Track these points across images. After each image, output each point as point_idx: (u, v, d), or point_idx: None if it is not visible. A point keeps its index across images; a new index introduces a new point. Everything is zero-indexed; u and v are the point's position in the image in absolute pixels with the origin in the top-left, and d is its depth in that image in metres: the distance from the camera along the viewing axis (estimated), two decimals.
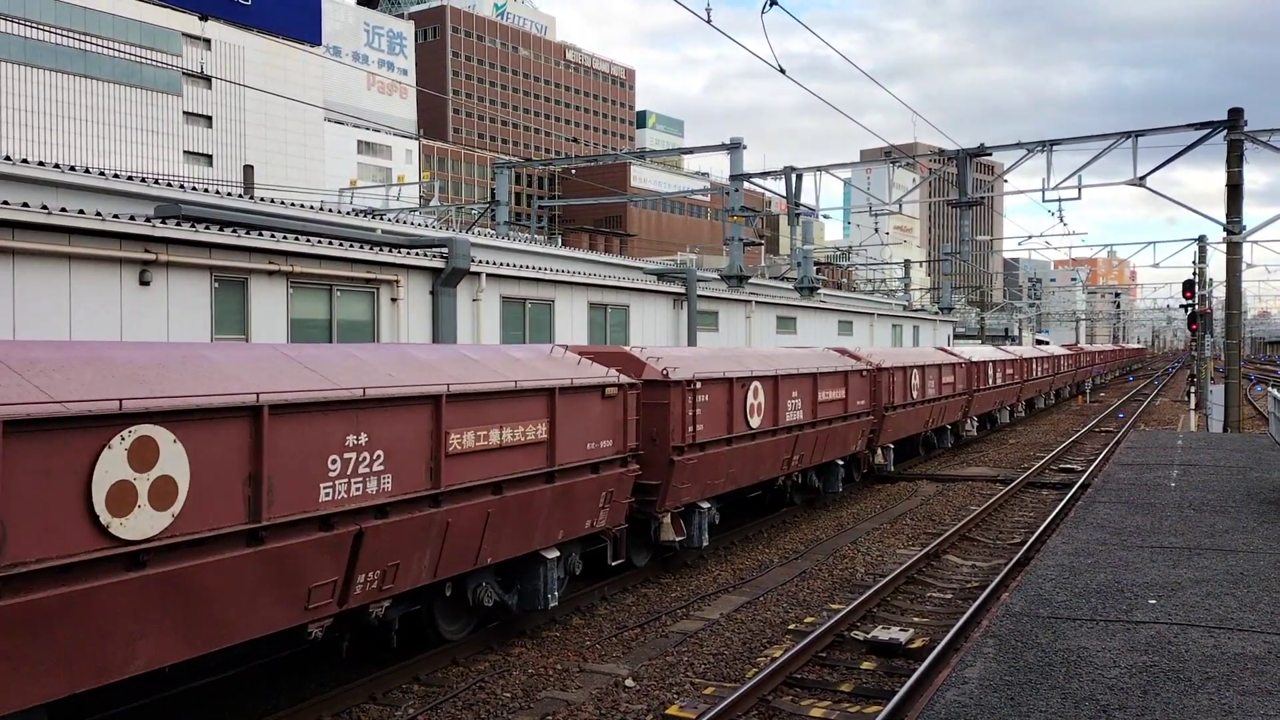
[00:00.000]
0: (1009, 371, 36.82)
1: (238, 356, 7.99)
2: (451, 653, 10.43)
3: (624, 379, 12.06)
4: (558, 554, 11.00)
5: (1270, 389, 31.57)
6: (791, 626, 11.74)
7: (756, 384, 15.56)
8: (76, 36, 51.67)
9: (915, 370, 23.96)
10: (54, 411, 6.14)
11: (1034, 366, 41.22)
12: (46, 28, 51.67)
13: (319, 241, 16.98)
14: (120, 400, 6.54)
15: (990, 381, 32.94)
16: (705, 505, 14.29)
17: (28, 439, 6.02)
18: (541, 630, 11.55)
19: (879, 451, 21.71)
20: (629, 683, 9.81)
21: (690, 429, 13.56)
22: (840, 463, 19.42)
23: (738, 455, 15.00)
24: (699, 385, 13.81)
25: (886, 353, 24.20)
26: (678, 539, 13.61)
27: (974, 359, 31.44)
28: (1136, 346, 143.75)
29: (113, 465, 6.46)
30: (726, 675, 10.09)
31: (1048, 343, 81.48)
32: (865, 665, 10.40)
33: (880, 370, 21.40)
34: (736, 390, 14.88)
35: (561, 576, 11.19)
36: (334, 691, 9.17)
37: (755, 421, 15.47)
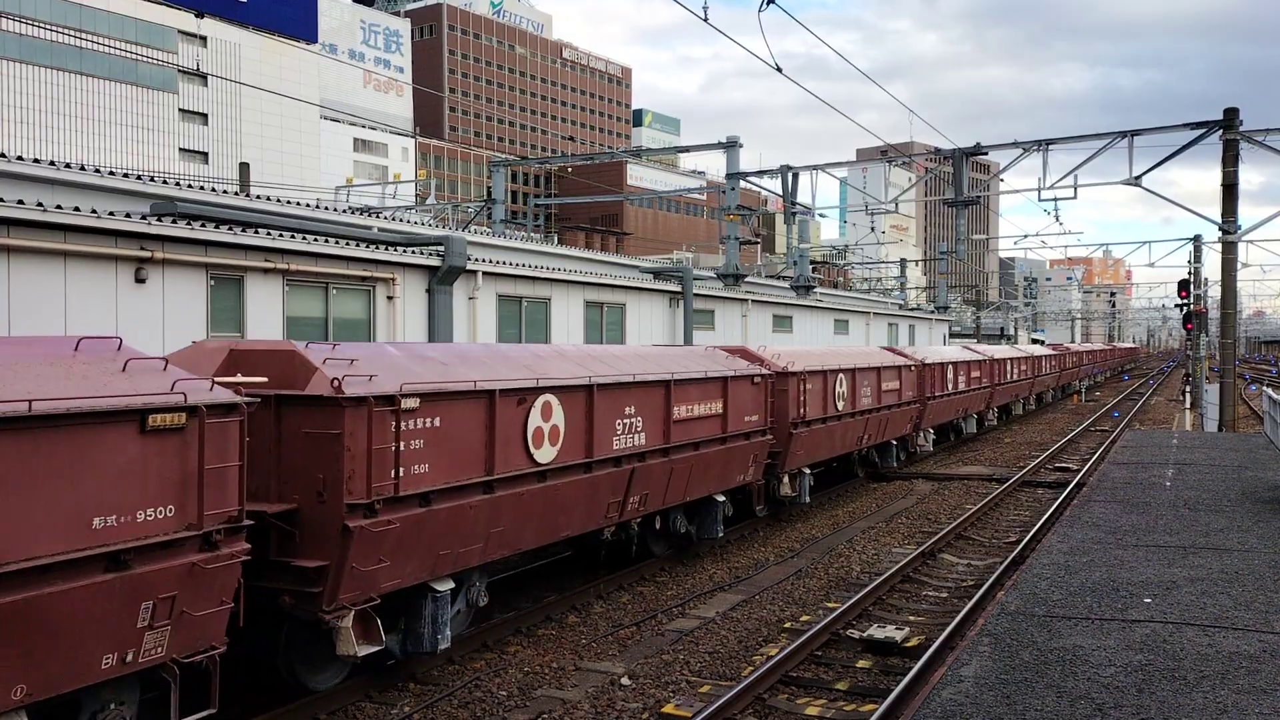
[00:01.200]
0: (975, 375, 32.18)
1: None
2: (447, 651, 10.42)
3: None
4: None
5: (1265, 388, 31.64)
6: (787, 625, 11.76)
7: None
8: (72, 34, 51.55)
9: (843, 375, 19.80)
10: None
11: (1007, 369, 36.55)
12: (43, 25, 51.57)
13: (315, 239, 16.96)
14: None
15: (950, 387, 28.40)
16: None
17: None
18: (537, 629, 11.55)
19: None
20: (625, 681, 9.82)
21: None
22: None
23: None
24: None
25: (813, 354, 19.94)
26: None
27: (928, 360, 26.97)
28: (1129, 346, 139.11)
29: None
30: (722, 674, 10.10)
31: (1043, 341, 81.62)
32: (861, 664, 10.41)
33: (788, 375, 17.40)
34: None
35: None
36: (330, 690, 9.15)
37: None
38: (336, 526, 8.29)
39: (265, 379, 8.37)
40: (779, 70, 18.36)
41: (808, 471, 18.24)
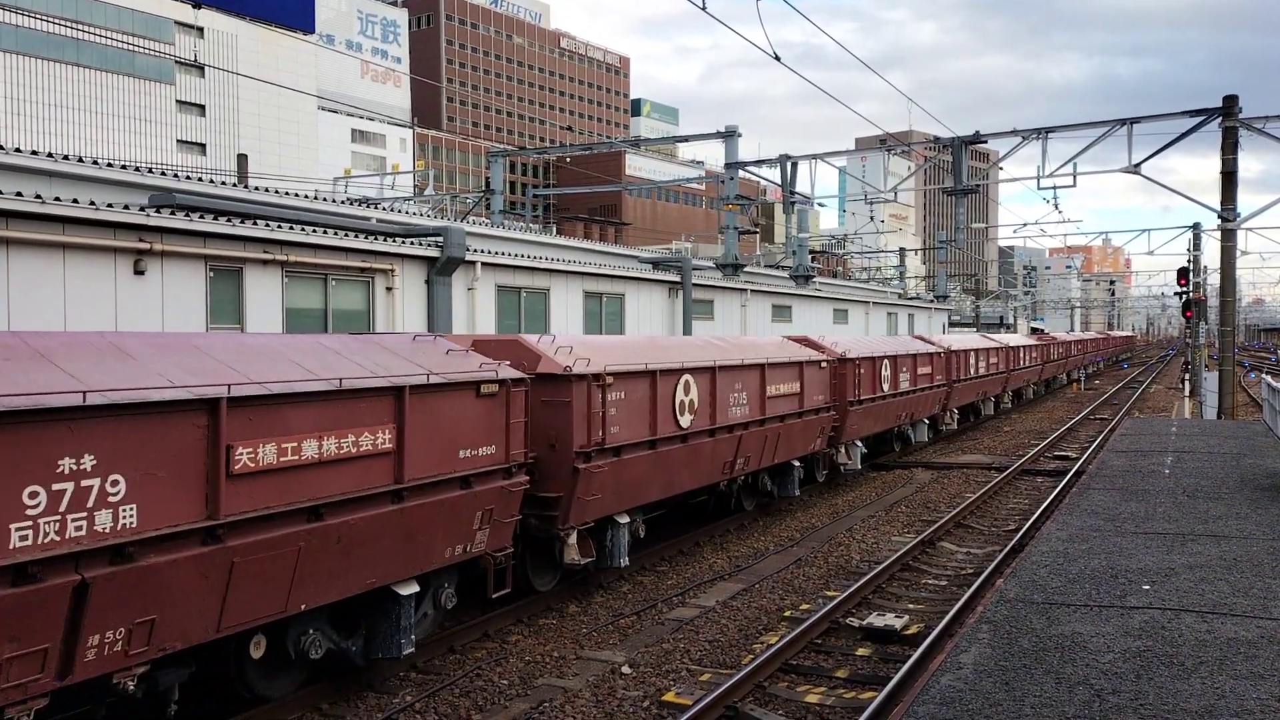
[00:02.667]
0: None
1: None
2: (449, 640, 10.46)
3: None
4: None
5: (1265, 376, 31.65)
6: (787, 613, 11.79)
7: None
8: (69, 25, 51.41)
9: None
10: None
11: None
12: (39, 16, 51.42)
13: (314, 231, 16.95)
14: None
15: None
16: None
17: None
18: (538, 618, 11.58)
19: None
20: (626, 670, 9.86)
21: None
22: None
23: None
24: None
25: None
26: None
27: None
28: (1124, 334, 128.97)
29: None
30: (723, 662, 10.13)
31: (1043, 330, 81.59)
32: (860, 651, 10.45)
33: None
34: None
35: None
36: (331, 680, 9.19)
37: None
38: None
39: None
40: (777, 59, 18.32)
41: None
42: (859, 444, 20.83)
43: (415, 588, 9.11)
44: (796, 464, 17.68)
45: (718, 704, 8.60)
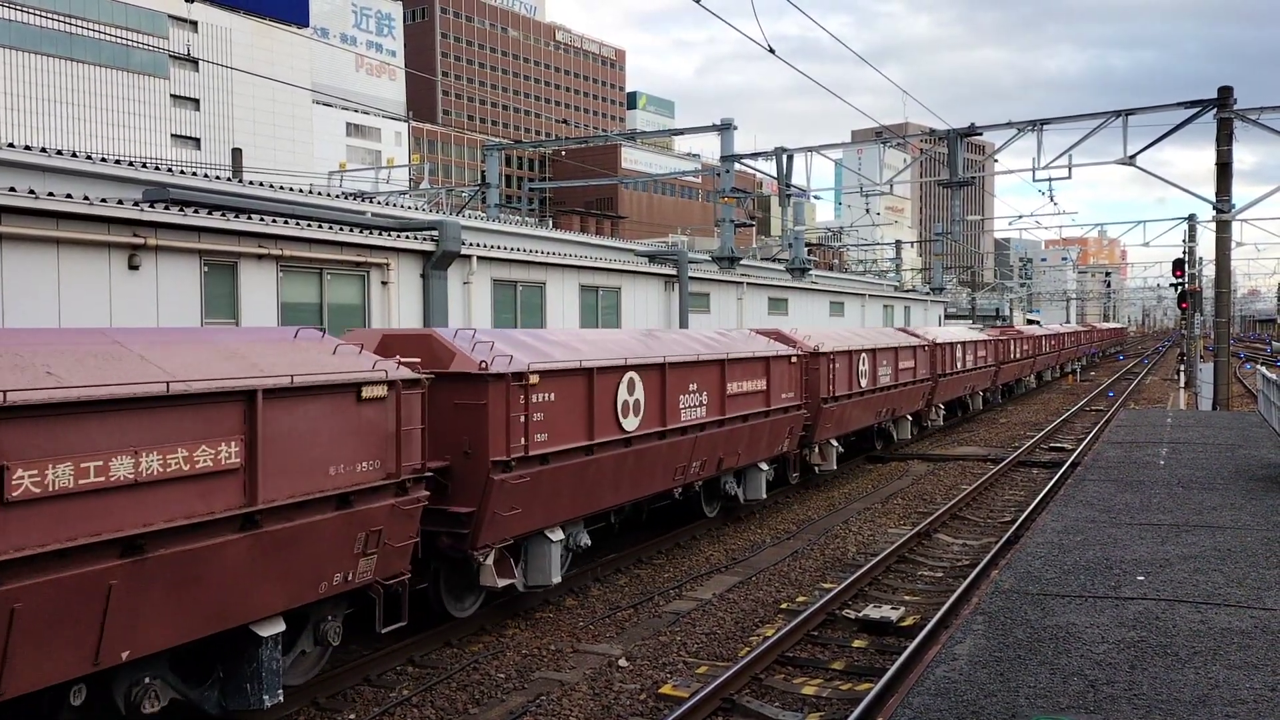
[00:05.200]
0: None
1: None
2: (446, 634, 10.48)
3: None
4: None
5: (1259, 367, 31.71)
6: (784, 606, 11.82)
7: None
8: (64, 19, 51.22)
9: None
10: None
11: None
12: (32, 10, 51.23)
13: (309, 225, 16.91)
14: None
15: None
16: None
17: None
18: (534, 611, 11.60)
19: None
20: (622, 663, 9.88)
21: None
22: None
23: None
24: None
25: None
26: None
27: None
28: (1113, 325, 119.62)
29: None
30: (719, 654, 10.16)
31: (1039, 323, 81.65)
32: (857, 643, 10.48)
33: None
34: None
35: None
36: (328, 673, 9.20)
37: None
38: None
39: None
40: (772, 52, 18.31)
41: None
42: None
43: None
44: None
45: (714, 696, 8.62)
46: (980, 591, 9.65)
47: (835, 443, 19.74)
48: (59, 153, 19.05)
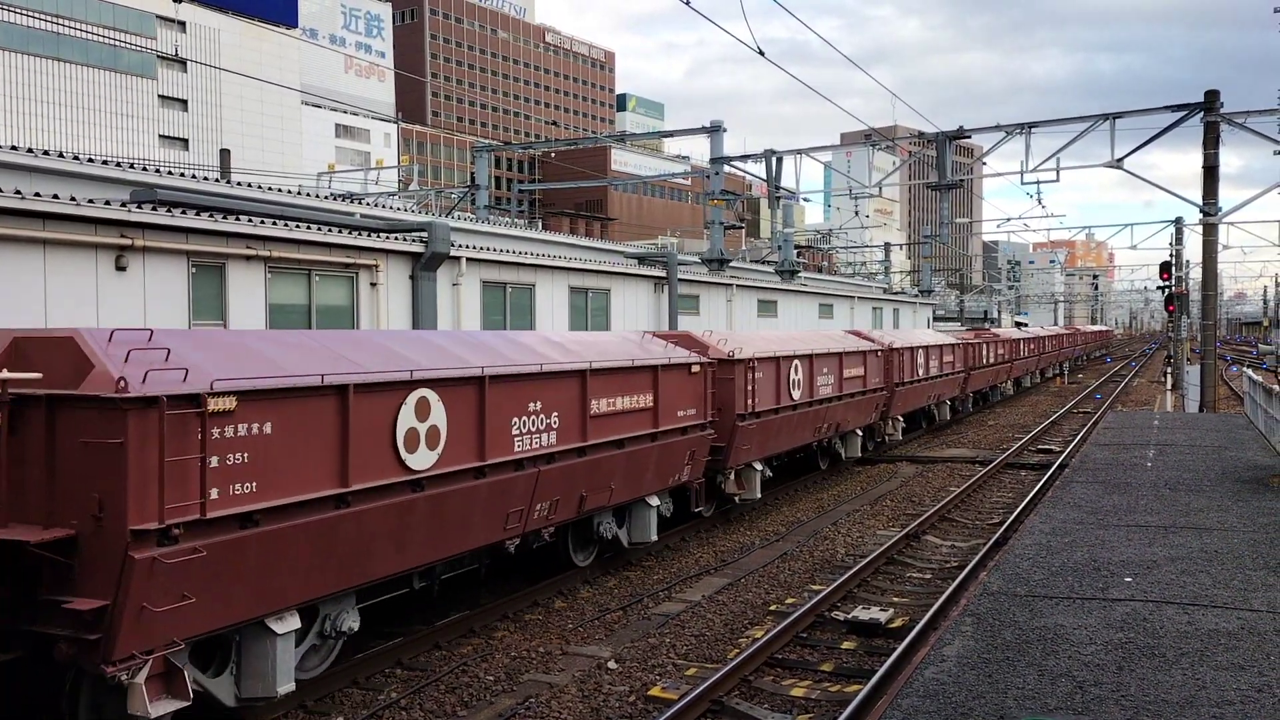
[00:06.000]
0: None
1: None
2: (434, 637, 10.45)
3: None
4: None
5: (1246, 369, 31.85)
6: (773, 607, 11.83)
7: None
8: (51, 19, 50.98)
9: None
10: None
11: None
12: (18, 10, 50.96)
13: (297, 226, 16.87)
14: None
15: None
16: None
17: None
18: (523, 614, 11.58)
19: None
20: (611, 665, 9.87)
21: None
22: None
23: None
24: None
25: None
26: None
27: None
28: (1097, 328, 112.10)
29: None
30: (708, 656, 10.16)
31: (1026, 324, 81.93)
32: (846, 645, 10.49)
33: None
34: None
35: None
36: (315, 676, 9.16)
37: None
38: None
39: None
40: (761, 54, 18.34)
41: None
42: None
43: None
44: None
45: (703, 699, 8.62)
46: (969, 593, 9.68)
47: (760, 466, 16.98)
48: (45, 153, 18.96)
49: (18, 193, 12.95)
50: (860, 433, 22.52)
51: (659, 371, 13.35)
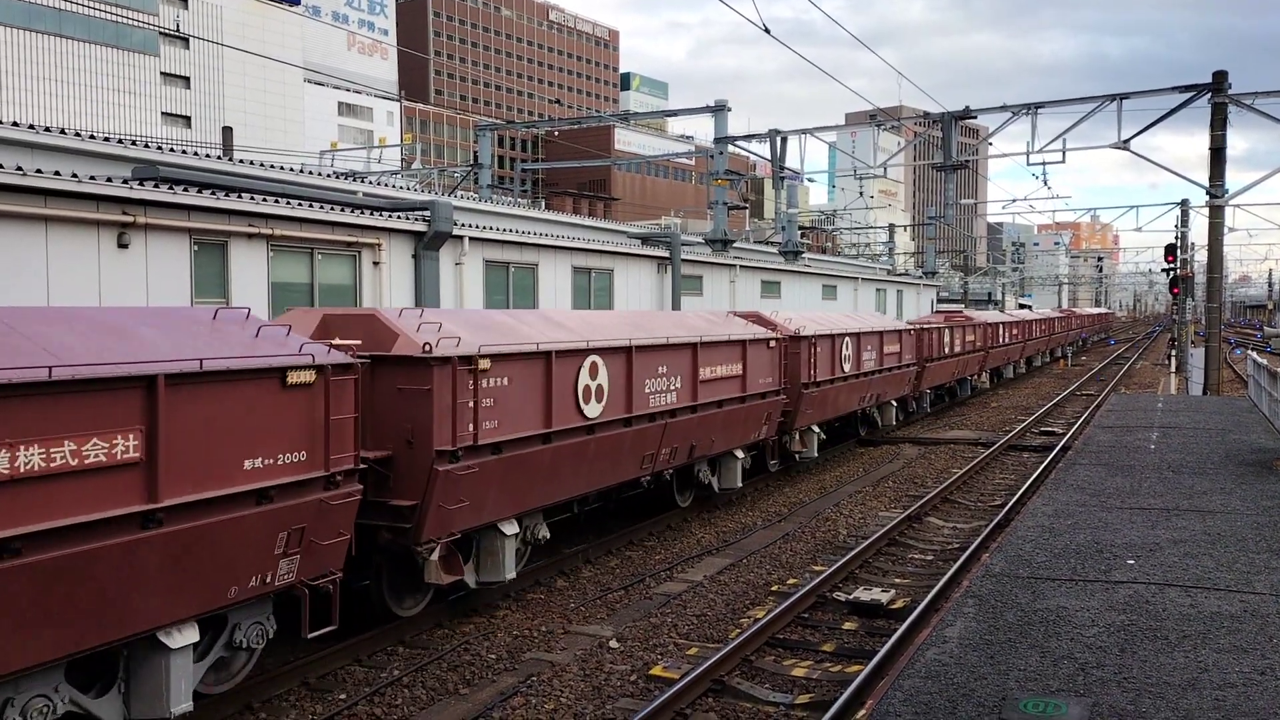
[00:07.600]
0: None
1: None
2: (436, 615, 10.47)
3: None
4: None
5: (1250, 352, 31.81)
6: (774, 588, 11.84)
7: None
8: None
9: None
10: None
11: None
12: None
13: (300, 204, 16.81)
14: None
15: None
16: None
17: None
18: (525, 593, 11.60)
19: None
20: (613, 644, 9.88)
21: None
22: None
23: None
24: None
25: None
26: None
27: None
28: (1097, 311, 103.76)
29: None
30: (710, 636, 10.17)
31: (1030, 307, 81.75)
32: (847, 626, 10.50)
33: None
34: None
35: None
36: (318, 655, 9.19)
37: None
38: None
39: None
40: (767, 31, 18.19)
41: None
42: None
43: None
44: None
45: (705, 678, 8.63)
46: (971, 575, 9.67)
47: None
48: (48, 130, 18.89)
49: (20, 169, 12.90)
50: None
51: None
